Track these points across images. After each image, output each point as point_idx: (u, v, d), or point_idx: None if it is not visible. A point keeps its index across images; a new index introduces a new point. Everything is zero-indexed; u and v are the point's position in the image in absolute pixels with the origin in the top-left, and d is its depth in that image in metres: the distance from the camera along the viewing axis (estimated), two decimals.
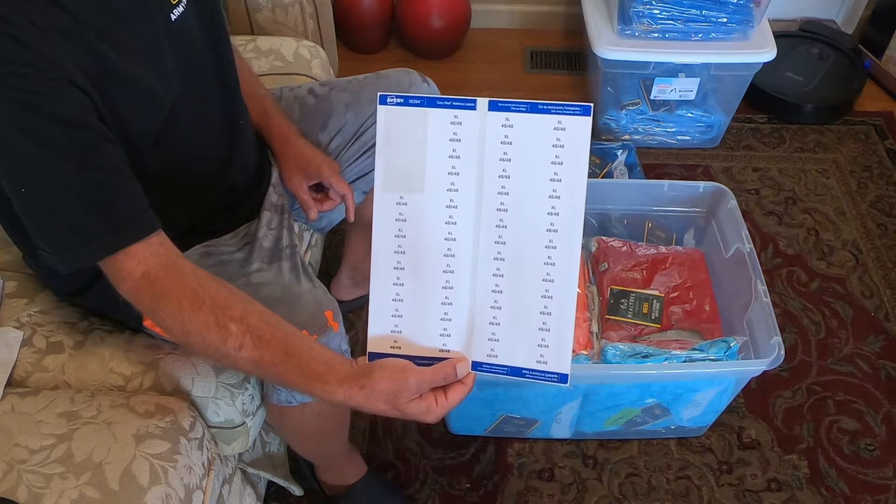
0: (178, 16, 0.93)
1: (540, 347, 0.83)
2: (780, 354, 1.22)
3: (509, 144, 0.82)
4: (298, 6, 1.77)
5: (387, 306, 0.85)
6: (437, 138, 0.82)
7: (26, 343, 1.09)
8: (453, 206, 0.83)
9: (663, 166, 2.04)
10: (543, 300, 0.82)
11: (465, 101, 0.82)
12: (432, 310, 0.84)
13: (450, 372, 0.81)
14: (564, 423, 1.43)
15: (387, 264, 0.84)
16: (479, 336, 0.84)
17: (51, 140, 0.78)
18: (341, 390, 0.81)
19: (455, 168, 0.83)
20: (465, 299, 0.84)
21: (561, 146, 0.81)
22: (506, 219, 0.82)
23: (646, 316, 1.43)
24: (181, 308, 0.83)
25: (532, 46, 2.44)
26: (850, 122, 2.17)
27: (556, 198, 0.81)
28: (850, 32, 2.34)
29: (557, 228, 0.81)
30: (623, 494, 1.43)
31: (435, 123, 0.82)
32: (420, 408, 0.81)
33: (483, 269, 0.83)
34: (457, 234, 0.83)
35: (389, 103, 0.83)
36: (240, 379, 1.09)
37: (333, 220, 1.36)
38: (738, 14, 1.82)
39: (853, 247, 1.84)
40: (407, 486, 1.44)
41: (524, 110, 0.82)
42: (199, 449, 1.03)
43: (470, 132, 0.82)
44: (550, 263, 0.82)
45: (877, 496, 1.43)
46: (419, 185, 0.83)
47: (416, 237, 0.84)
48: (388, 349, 0.85)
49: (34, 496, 0.91)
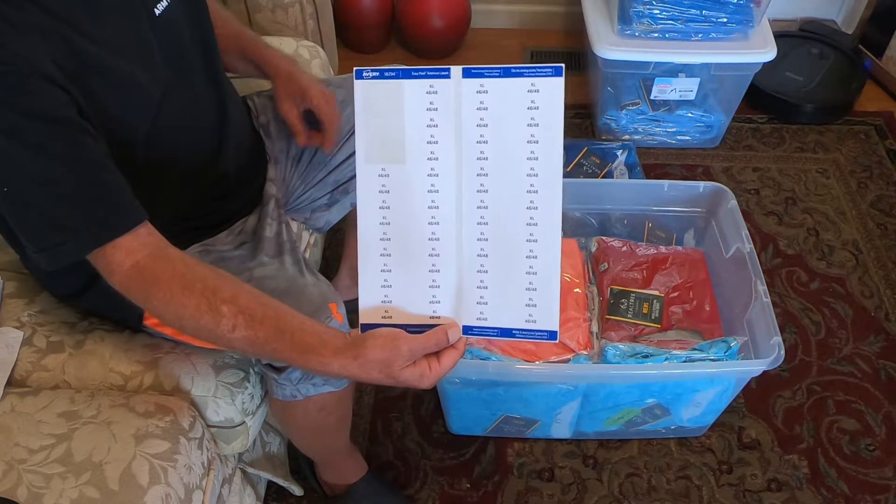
0: (161, 10, 0.94)
1: (528, 307, 0.84)
2: (780, 354, 1.22)
3: (485, 110, 0.83)
4: (298, 6, 1.77)
5: (376, 277, 0.86)
6: (414, 108, 0.84)
7: (27, 342, 1.09)
8: (434, 175, 0.84)
9: (663, 166, 2.04)
10: (528, 260, 0.84)
11: (440, 69, 0.83)
12: (420, 278, 0.85)
13: (442, 337, 0.83)
14: (564, 423, 1.43)
15: (373, 236, 0.85)
16: (468, 300, 0.85)
17: (28, 137, 0.78)
18: (336, 361, 0.82)
19: (434, 137, 0.84)
20: (452, 265, 0.85)
21: (536, 108, 0.82)
22: (486, 183, 0.84)
23: (646, 316, 1.43)
24: (172, 294, 0.84)
25: (532, 46, 2.44)
26: (850, 122, 2.17)
27: (534, 159, 0.82)
28: (850, 32, 2.34)
29: (537, 189, 0.83)
30: (623, 494, 1.43)
31: (411, 94, 0.84)
32: (414, 374, 0.82)
33: (467, 235, 0.84)
34: (440, 201, 0.84)
35: (365, 77, 0.84)
36: (239, 378, 1.09)
37: (332, 219, 1.36)
38: (738, 14, 1.82)
39: (853, 247, 1.84)
40: (407, 486, 1.44)
41: (498, 75, 0.83)
42: (199, 448, 1.03)
43: (446, 100, 0.83)
44: (533, 224, 0.83)
45: (877, 496, 1.42)
46: (400, 156, 0.84)
47: (400, 207, 0.85)
48: (379, 319, 0.86)
49: (34, 496, 0.91)
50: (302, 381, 1.06)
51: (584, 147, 1.89)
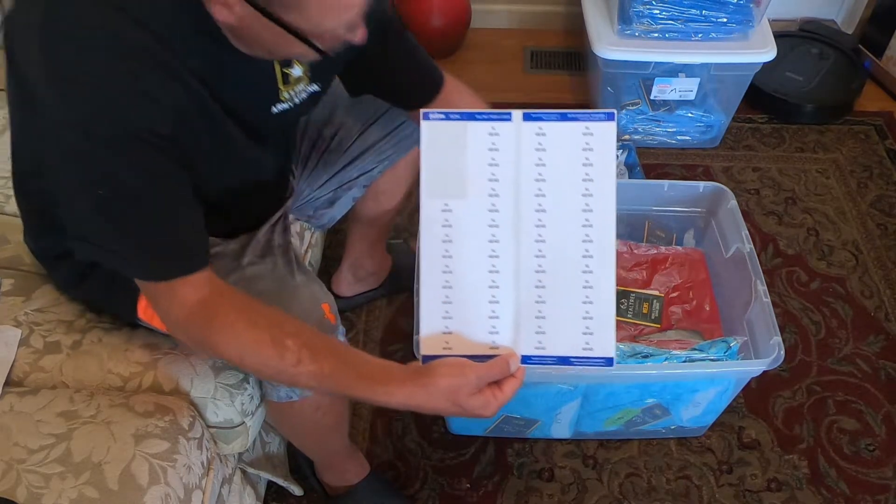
0: (279, 110, 0.97)
1: (585, 335, 0.89)
2: (780, 354, 1.22)
3: (543, 151, 0.89)
4: None
5: (437, 308, 0.90)
6: (476, 148, 0.89)
7: (24, 343, 1.09)
8: (495, 210, 0.89)
9: (663, 166, 2.04)
10: (585, 290, 0.88)
11: (501, 113, 0.89)
12: (480, 309, 0.89)
13: (504, 367, 0.86)
14: (564, 423, 1.43)
15: (435, 268, 0.90)
16: (527, 330, 0.89)
17: (137, 158, 0.80)
18: (402, 391, 0.84)
19: (495, 175, 0.89)
20: (511, 297, 0.89)
21: (590, 149, 0.88)
22: (544, 218, 0.89)
23: (646, 316, 1.42)
24: (236, 329, 0.85)
25: (532, 46, 2.44)
26: (850, 122, 2.17)
27: (588, 196, 0.89)
28: (850, 32, 2.34)
29: (592, 223, 0.89)
30: (623, 494, 1.43)
31: (474, 135, 0.89)
32: (479, 402, 0.84)
33: (526, 267, 0.89)
34: (500, 235, 0.89)
35: (432, 118, 0.89)
36: (239, 379, 1.09)
37: (335, 216, 1.36)
38: (738, 14, 1.82)
39: (853, 247, 1.84)
40: (407, 486, 1.43)
41: (555, 119, 0.89)
42: (199, 448, 1.03)
43: (507, 141, 0.89)
44: (589, 256, 0.89)
45: (877, 496, 1.42)
46: (462, 192, 0.89)
47: (461, 241, 0.89)
48: (440, 350, 0.89)
49: (33, 496, 0.91)
50: None
51: None
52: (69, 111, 0.77)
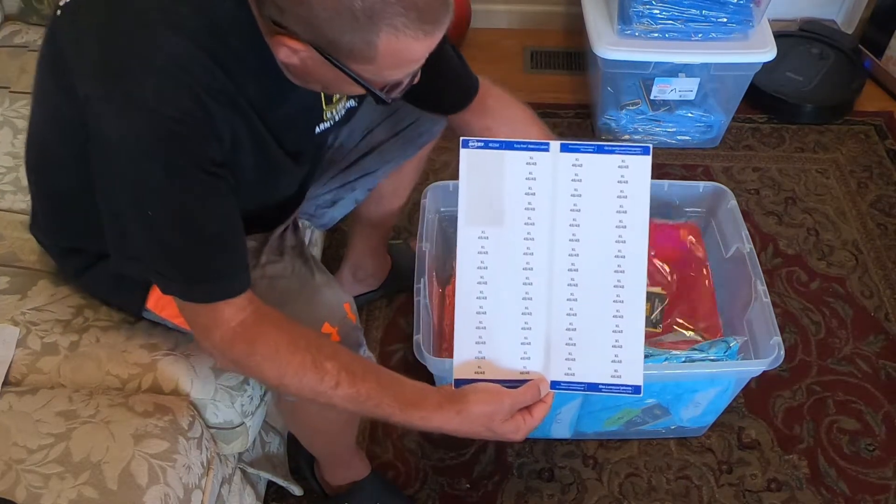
0: (321, 130, 0.98)
1: (614, 363, 0.90)
2: (780, 354, 1.22)
3: (579, 182, 0.91)
4: None
5: (471, 334, 0.92)
6: (514, 177, 0.91)
7: (21, 344, 1.08)
8: (530, 239, 0.91)
9: (663, 166, 2.04)
10: (615, 319, 0.90)
11: (539, 144, 0.91)
12: (513, 335, 0.91)
13: (536, 392, 0.88)
14: (564, 423, 1.43)
15: (470, 294, 0.91)
16: (557, 356, 0.91)
17: (189, 182, 0.80)
18: (437, 416, 0.86)
19: (531, 204, 0.91)
20: (543, 323, 0.91)
21: (625, 182, 0.90)
22: (578, 248, 0.91)
23: (647, 320, 1.42)
24: (278, 351, 0.86)
25: (532, 46, 2.44)
26: (850, 122, 2.17)
27: (622, 227, 0.90)
28: (850, 32, 2.34)
29: (625, 255, 0.90)
30: (623, 494, 1.43)
31: (512, 164, 0.91)
32: (510, 427, 0.86)
33: (558, 295, 0.91)
34: (534, 263, 0.91)
35: (471, 146, 0.91)
36: (239, 381, 1.09)
37: (336, 216, 1.36)
38: (737, 14, 1.82)
39: (853, 247, 1.84)
40: (407, 486, 1.43)
41: (592, 151, 0.91)
42: (198, 448, 1.03)
43: (544, 171, 0.91)
44: (620, 286, 0.90)
45: (877, 496, 1.42)
46: (499, 220, 0.91)
47: (496, 268, 0.91)
48: (472, 374, 0.91)
49: (32, 496, 0.91)
50: None
51: None
52: (129, 127, 0.76)
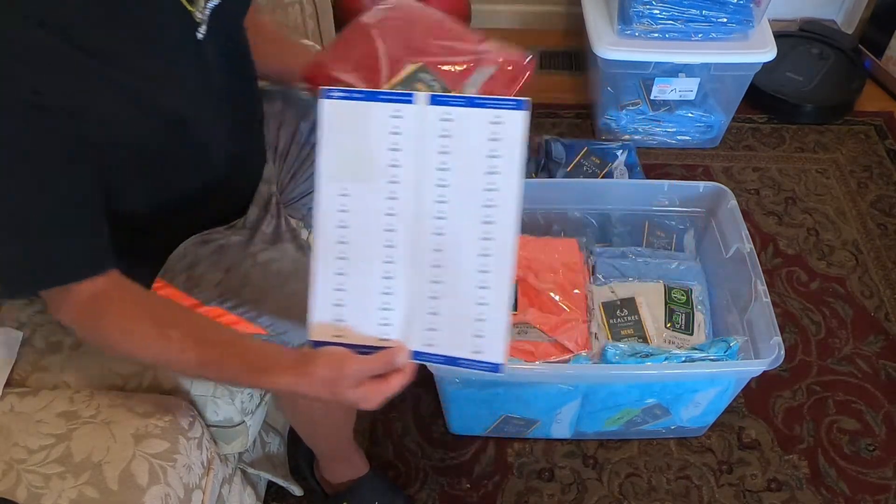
0: (203, 35, 0.92)
1: (476, 338, 0.84)
2: (780, 354, 1.22)
3: (448, 138, 0.83)
4: (298, 6, 1.77)
5: (329, 295, 0.86)
6: (378, 131, 0.83)
7: (26, 342, 1.09)
8: (394, 198, 0.84)
9: (663, 166, 2.04)
10: (480, 291, 0.83)
11: (405, 95, 0.83)
12: (373, 299, 0.85)
13: (389, 361, 0.83)
14: (564, 423, 1.43)
15: (330, 255, 0.85)
16: (419, 326, 0.85)
17: (15, 165, 0.77)
18: (284, 378, 0.84)
19: (396, 161, 0.84)
20: (405, 289, 0.85)
21: (498, 140, 0.82)
22: (445, 211, 0.83)
23: None
24: (123, 323, 0.86)
25: (532, 46, 2.44)
26: (850, 122, 2.17)
27: (493, 190, 0.82)
28: (850, 32, 2.34)
29: (494, 221, 0.83)
30: (623, 494, 1.43)
31: (376, 117, 0.83)
32: (358, 395, 0.82)
33: (422, 260, 0.84)
34: (397, 225, 0.84)
35: (333, 96, 0.83)
36: None
37: None
38: (738, 14, 1.82)
39: (853, 247, 1.84)
40: (407, 486, 1.44)
41: (463, 104, 0.83)
42: (199, 448, 1.03)
43: (410, 126, 0.83)
44: (487, 255, 0.83)
45: (877, 496, 1.42)
46: (361, 177, 0.84)
47: (358, 228, 0.85)
48: (330, 337, 0.86)
49: (33, 496, 0.91)
50: None
51: (584, 147, 1.89)
52: None
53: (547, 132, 2.10)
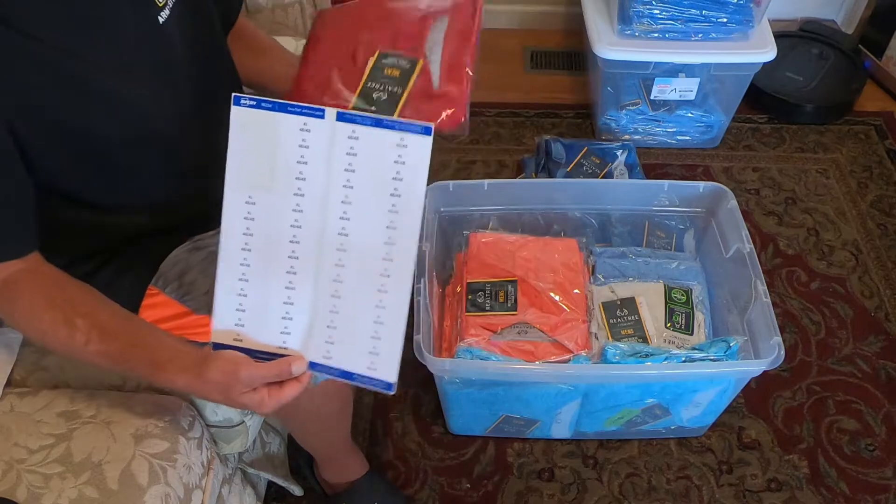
0: (165, 18, 0.92)
1: (371, 355, 0.86)
2: (780, 354, 1.22)
3: (354, 156, 0.84)
4: (298, 6, 1.77)
5: (231, 300, 0.87)
6: (286, 143, 0.84)
7: (26, 343, 1.09)
8: (299, 210, 0.85)
9: (663, 166, 2.04)
10: (377, 310, 0.85)
11: (315, 109, 0.84)
12: (274, 308, 0.86)
13: (285, 369, 0.84)
14: (564, 423, 1.43)
15: (233, 260, 0.86)
16: (317, 337, 0.86)
17: None
18: (181, 379, 0.85)
19: (302, 174, 0.85)
20: (307, 300, 0.86)
21: (402, 163, 0.83)
22: (347, 227, 0.85)
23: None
24: (33, 308, 0.86)
25: (532, 46, 2.44)
26: (850, 122, 2.17)
27: (394, 212, 0.84)
28: (850, 32, 2.34)
29: (395, 242, 0.84)
30: (623, 494, 1.43)
31: (285, 128, 0.84)
32: (252, 400, 0.84)
33: (325, 274, 0.85)
34: (301, 237, 0.85)
35: (242, 104, 0.84)
36: None
37: None
38: (738, 14, 1.82)
39: (853, 247, 1.84)
40: (407, 486, 1.44)
41: (370, 124, 0.84)
42: (199, 448, 1.03)
43: (318, 140, 0.84)
44: (385, 275, 0.85)
45: (877, 496, 1.42)
46: (268, 186, 0.85)
47: (262, 236, 0.86)
48: (230, 341, 0.87)
49: (33, 496, 0.91)
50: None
51: (584, 147, 1.89)
52: None
53: (547, 132, 2.10)
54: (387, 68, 1.02)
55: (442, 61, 1.04)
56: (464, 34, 1.07)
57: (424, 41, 1.05)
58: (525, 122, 2.16)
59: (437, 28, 1.07)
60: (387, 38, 1.06)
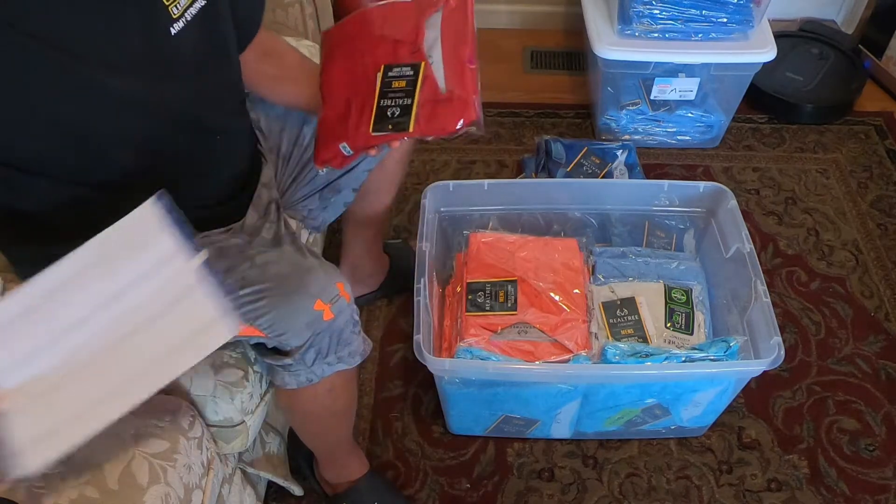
0: (178, 31, 0.92)
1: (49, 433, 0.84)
2: (780, 354, 1.22)
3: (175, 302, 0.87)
4: (298, 6, 1.77)
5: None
6: (147, 254, 0.86)
7: None
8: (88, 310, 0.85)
9: (663, 166, 2.04)
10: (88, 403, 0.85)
11: (194, 245, 0.86)
12: (17, 347, 0.85)
13: None
14: (564, 423, 1.43)
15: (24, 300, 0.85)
16: (29, 395, 0.84)
17: None
18: None
19: (122, 284, 0.86)
20: (44, 364, 0.84)
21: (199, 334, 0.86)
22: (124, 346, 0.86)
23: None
24: None
25: (532, 46, 2.44)
26: (850, 122, 2.17)
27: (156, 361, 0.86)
28: (850, 32, 2.34)
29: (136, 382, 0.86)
30: (623, 494, 1.43)
31: (158, 241, 0.86)
32: None
33: (79, 358, 0.85)
34: (81, 328, 0.85)
35: (158, 202, 0.86)
36: (238, 377, 1.09)
37: (327, 219, 1.36)
38: (738, 14, 1.82)
39: (853, 247, 1.84)
40: (407, 487, 1.44)
41: (216, 296, 0.86)
42: (199, 448, 1.03)
43: (167, 270, 0.86)
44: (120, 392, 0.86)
45: (877, 496, 1.42)
46: (90, 277, 0.85)
47: (56, 305, 0.85)
48: None
49: (33, 496, 0.91)
50: (317, 363, 1.06)
51: (584, 147, 1.89)
52: None
53: (547, 132, 2.10)
54: (394, 81, 1.03)
55: (444, 60, 1.04)
56: (459, 26, 1.07)
57: (423, 40, 1.06)
58: (525, 122, 2.16)
59: (431, 24, 1.07)
60: (388, 47, 1.06)
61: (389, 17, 1.09)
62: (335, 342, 1.07)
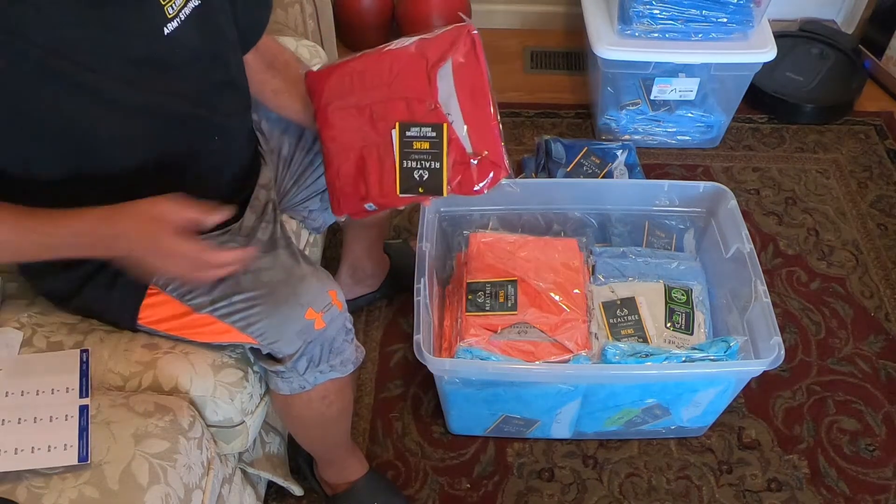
0: (171, 30, 0.92)
1: None
2: (780, 354, 1.22)
3: None
4: (298, 6, 1.77)
5: None
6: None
7: (27, 343, 1.09)
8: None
9: (663, 166, 2.04)
10: None
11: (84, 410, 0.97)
12: None
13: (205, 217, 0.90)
14: (564, 423, 1.43)
15: None
16: None
17: None
18: (89, 222, 0.88)
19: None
20: None
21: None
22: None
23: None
24: None
25: (532, 46, 2.44)
26: (850, 122, 2.17)
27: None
28: (850, 32, 2.34)
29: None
30: (623, 494, 1.43)
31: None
32: (187, 250, 0.89)
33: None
34: None
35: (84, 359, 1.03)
36: (238, 377, 1.09)
37: (328, 220, 1.36)
38: (738, 14, 1.82)
39: (853, 247, 1.84)
40: (407, 487, 1.44)
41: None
42: (199, 448, 1.03)
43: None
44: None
45: (877, 496, 1.42)
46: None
47: None
48: None
49: (34, 496, 0.91)
50: (309, 371, 1.07)
51: (584, 147, 1.89)
52: None
53: (547, 132, 2.10)
54: (414, 142, 1.02)
55: (464, 117, 1.03)
56: (474, 80, 1.06)
57: (437, 95, 1.04)
58: (525, 122, 2.16)
59: (443, 77, 1.05)
60: (400, 103, 1.03)
61: (394, 67, 1.06)
62: (327, 351, 1.07)
